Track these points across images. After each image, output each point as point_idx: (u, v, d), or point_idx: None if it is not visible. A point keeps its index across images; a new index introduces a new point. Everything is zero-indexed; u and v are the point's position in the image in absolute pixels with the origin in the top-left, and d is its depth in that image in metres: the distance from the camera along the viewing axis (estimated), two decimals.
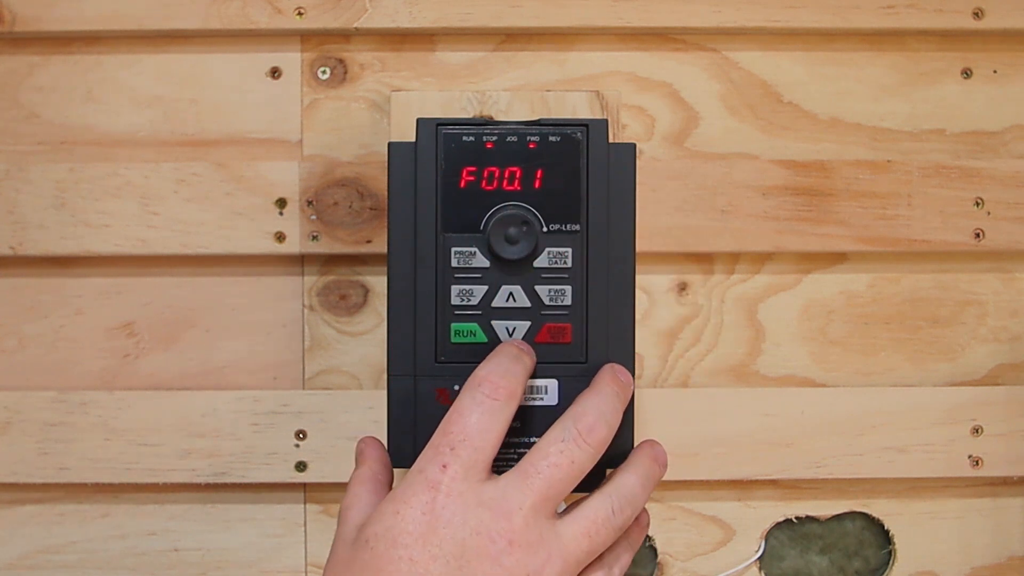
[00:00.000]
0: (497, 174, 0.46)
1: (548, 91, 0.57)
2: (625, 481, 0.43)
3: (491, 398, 0.42)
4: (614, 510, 0.42)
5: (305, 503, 0.59)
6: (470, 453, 0.41)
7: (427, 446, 0.42)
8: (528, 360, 0.44)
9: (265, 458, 0.57)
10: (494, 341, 0.46)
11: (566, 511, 0.42)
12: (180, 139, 0.58)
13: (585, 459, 0.42)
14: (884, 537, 0.60)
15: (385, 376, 0.52)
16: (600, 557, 0.43)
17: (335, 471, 0.57)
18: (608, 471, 0.45)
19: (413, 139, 0.46)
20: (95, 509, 0.59)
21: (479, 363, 0.43)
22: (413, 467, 0.41)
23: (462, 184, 0.46)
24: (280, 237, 0.57)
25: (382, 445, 0.46)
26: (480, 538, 0.40)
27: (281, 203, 0.57)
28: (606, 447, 0.43)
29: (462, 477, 0.41)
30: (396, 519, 0.40)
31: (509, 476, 0.41)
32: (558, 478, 0.41)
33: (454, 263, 0.46)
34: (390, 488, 0.45)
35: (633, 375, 0.47)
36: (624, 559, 0.45)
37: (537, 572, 0.40)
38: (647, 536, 0.59)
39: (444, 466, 0.41)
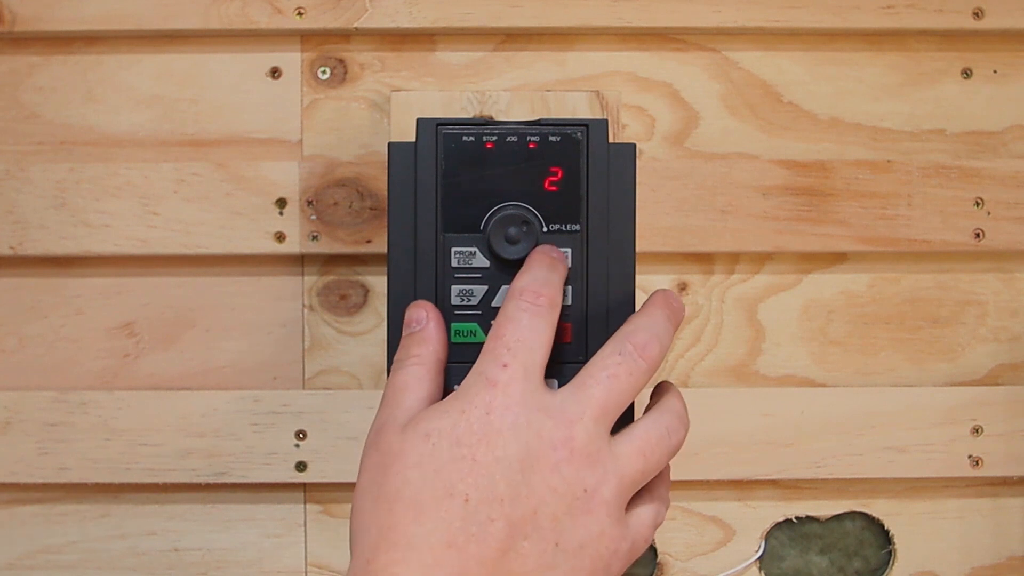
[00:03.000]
0: (497, 174, 0.46)
1: (548, 91, 0.57)
2: (673, 404, 0.43)
3: (535, 304, 0.41)
4: (668, 430, 0.42)
5: (305, 503, 0.59)
6: (527, 353, 0.40)
7: (482, 352, 0.41)
8: (562, 267, 0.44)
9: (265, 458, 0.57)
10: None
11: (619, 431, 0.41)
12: (180, 139, 0.58)
13: (642, 374, 0.41)
14: (884, 537, 0.60)
15: (385, 376, 0.52)
16: (651, 490, 0.43)
17: (335, 471, 0.57)
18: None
19: (413, 139, 0.46)
20: (95, 509, 0.59)
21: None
22: (472, 370, 0.41)
23: (462, 184, 0.46)
24: (280, 237, 0.57)
25: (443, 320, 0.44)
26: (542, 443, 0.39)
27: (281, 203, 0.57)
28: (658, 367, 0.42)
29: (522, 377, 0.40)
30: (461, 417, 0.39)
31: (567, 388, 0.41)
32: (617, 389, 0.40)
33: (454, 263, 0.46)
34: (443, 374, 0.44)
35: None
36: (666, 503, 0.44)
37: (593, 488, 0.39)
38: None
39: (504, 365, 0.40)
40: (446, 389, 0.44)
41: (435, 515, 0.38)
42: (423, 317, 0.44)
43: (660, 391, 0.44)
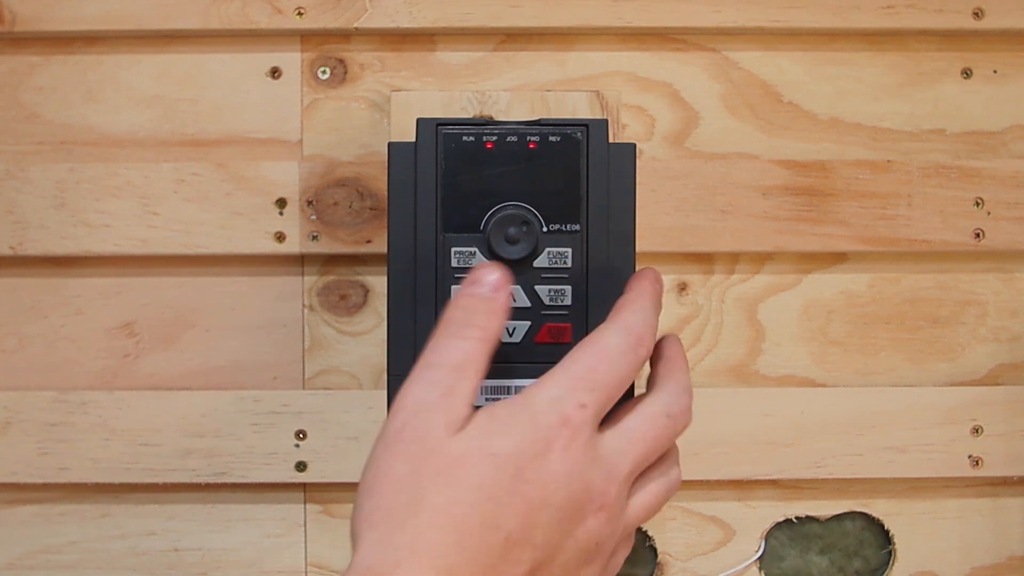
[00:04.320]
0: (497, 174, 0.46)
1: (548, 91, 0.57)
2: (675, 452, 0.42)
3: (635, 352, 0.39)
4: (670, 484, 0.41)
5: (305, 503, 0.59)
6: (605, 402, 0.38)
7: (564, 372, 0.38)
8: (660, 305, 0.43)
9: (265, 458, 0.57)
10: None
11: (634, 490, 0.40)
12: (180, 139, 0.58)
13: (674, 438, 0.40)
14: (884, 537, 0.60)
15: (385, 376, 0.52)
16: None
17: (335, 471, 0.57)
18: None
19: (413, 139, 0.46)
20: (95, 509, 0.59)
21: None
22: (548, 384, 0.38)
23: (462, 184, 0.46)
24: (280, 237, 0.57)
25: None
26: (584, 496, 0.38)
27: (281, 203, 0.57)
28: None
29: (591, 423, 0.38)
30: (525, 445, 0.36)
31: (616, 432, 0.39)
32: (656, 449, 0.40)
33: (454, 263, 0.46)
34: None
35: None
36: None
37: (602, 543, 0.39)
38: (647, 536, 0.59)
39: (583, 405, 0.37)
40: None
41: (475, 547, 0.36)
42: (498, 283, 0.39)
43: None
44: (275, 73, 0.58)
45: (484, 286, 0.39)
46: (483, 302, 0.38)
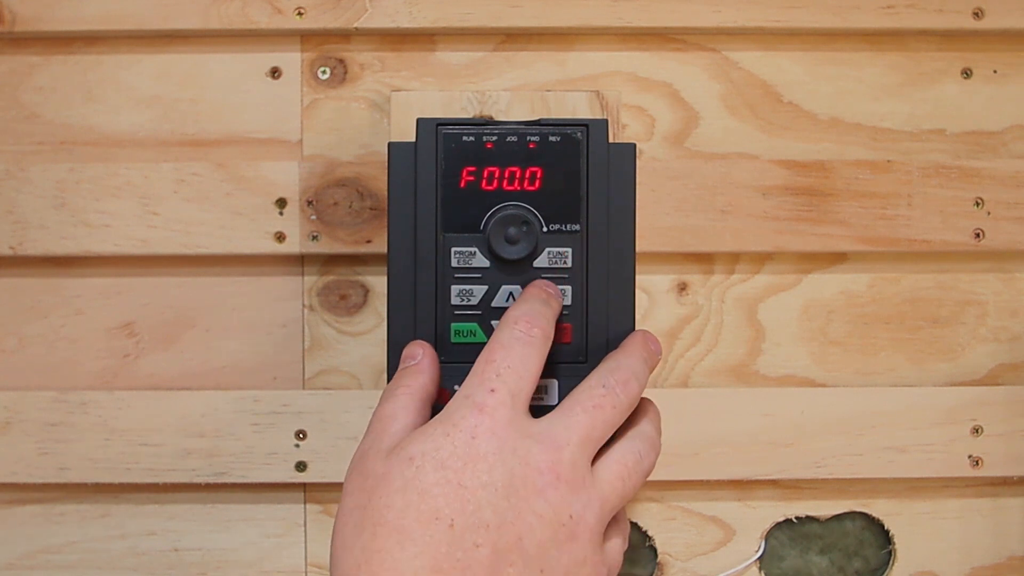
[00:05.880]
0: (497, 174, 0.46)
1: (548, 91, 0.57)
2: (644, 428, 0.43)
3: (528, 334, 0.42)
4: (641, 454, 0.42)
5: (305, 503, 0.59)
6: (515, 381, 0.41)
7: (470, 375, 0.41)
8: (556, 304, 0.44)
9: (265, 458, 0.57)
10: None
11: (597, 457, 0.42)
12: (180, 139, 0.58)
13: (623, 408, 0.42)
14: (884, 537, 0.60)
15: (385, 376, 0.52)
16: (617, 521, 0.43)
17: (335, 471, 0.57)
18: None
19: (413, 139, 0.46)
20: (95, 509, 0.59)
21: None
22: (458, 393, 0.41)
23: (462, 184, 0.46)
24: (280, 237, 0.57)
25: (438, 359, 0.45)
26: (528, 469, 0.39)
27: (281, 203, 0.57)
28: (635, 405, 0.43)
29: (509, 404, 0.40)
30: (446, 440, 0.39)
31: (552, 415, 0.41)
32: (601, 419, 0.41)
33: (454, 263, 0.46)
34: (431, 409, 0.44)
35: None
36: (628, 532, 0.44)
37: (578, 515, 0.40)
38: (647, 536, 0.59)
39: (492, 390, 0.40)
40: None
41: (420, 540, 0.38)
42: (418, 354, 0.44)
43: (634, 412, 0.44)
44: (275, 73, 0.58)
45: (409, 360, 0.44)
46: (407, 369, 0.44)
